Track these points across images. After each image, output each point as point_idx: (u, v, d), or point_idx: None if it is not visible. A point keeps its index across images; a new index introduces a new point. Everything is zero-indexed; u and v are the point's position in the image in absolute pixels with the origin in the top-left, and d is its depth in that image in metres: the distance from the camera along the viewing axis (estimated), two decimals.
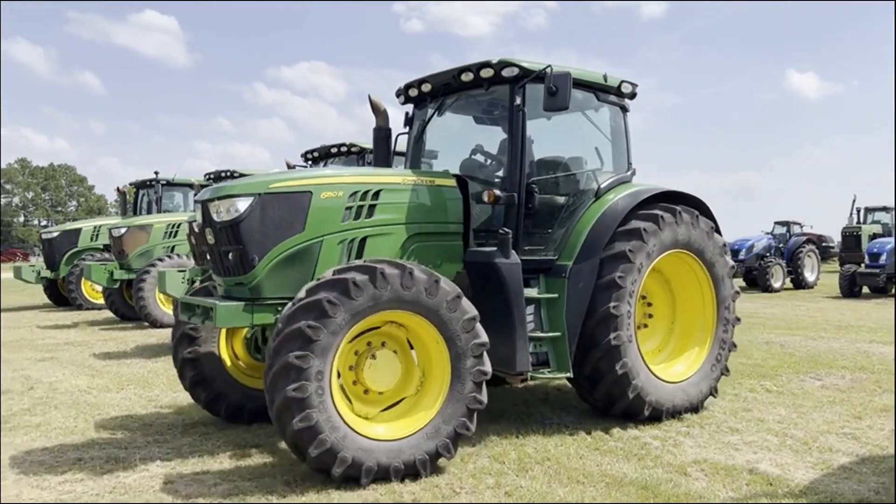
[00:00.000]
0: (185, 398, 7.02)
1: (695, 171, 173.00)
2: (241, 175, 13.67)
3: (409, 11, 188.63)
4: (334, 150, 10.95)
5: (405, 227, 5.69)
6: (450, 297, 4.95)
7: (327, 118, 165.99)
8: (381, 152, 6.51)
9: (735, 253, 24.71)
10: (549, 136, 7.01)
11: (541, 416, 6.50)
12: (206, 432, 6.12)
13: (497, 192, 5.88)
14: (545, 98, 5.67)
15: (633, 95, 6.85)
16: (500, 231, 5.62)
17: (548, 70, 5.75)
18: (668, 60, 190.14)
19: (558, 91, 5.60)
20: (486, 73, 5.99)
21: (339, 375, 4.87)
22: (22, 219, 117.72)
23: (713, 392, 6.73)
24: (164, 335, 11.83)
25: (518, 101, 5.95)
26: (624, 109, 6.83)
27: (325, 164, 11.11)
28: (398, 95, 6.93)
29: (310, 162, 11.32)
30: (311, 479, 4.77)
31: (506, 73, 5.92)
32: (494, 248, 5.63)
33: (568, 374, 5.88)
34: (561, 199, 6.41)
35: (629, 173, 6.80)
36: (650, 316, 6.92)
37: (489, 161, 6.67)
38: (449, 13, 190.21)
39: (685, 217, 6.45)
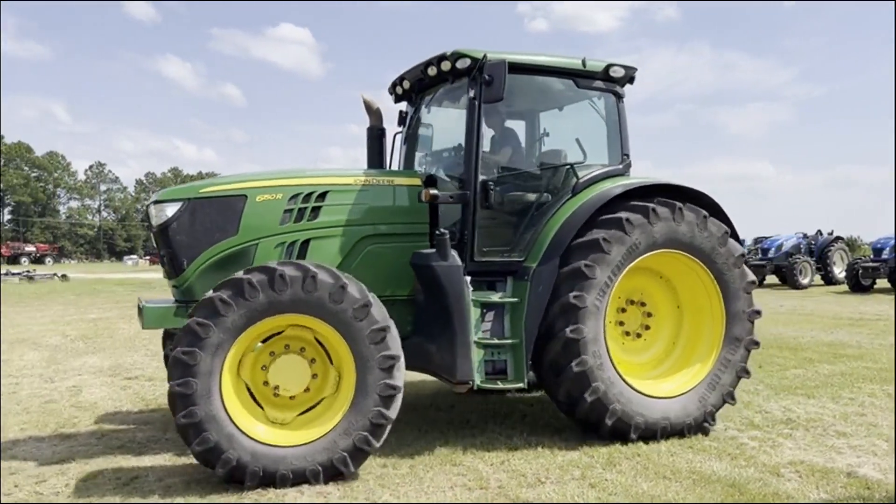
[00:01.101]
0: None
1: (842, 164, 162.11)
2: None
3: (534, 11, 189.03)
4: None
5: (354, 229, 5.54)
6: (357, 305, 4.72)
7: None
8: (374, 152, 6.35)
9: (877, 252, 23.63)
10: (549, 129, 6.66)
11: None
12: None
13: (433, 191, 5.61)
14: (483, 89, 5.49)
15: (630, 80, 6.27)
16: (437, 232, 5.41)
17: (484, 59, 5.52)
18: (811, 47, 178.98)
19: (493, 81, 5.39)
20: (446, 65, 5.78)
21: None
22: None
23: (707, 419, 5.85)
24: None
25: (473, 92, 5.64)
26: (617, 96, 6.23)
27: None
28: (390, 93, 6.78)
29: None
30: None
31: (459, 64, 5.68)
32: (433, 251, 5.37)
33: (522, 385, 5.51)
34: (532, 196, 5.96)
35: (622, 166, 6.24)
36: (647, 328, 6.18)
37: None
38: (574, 10, 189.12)
39: (688, 216, 5.74)
